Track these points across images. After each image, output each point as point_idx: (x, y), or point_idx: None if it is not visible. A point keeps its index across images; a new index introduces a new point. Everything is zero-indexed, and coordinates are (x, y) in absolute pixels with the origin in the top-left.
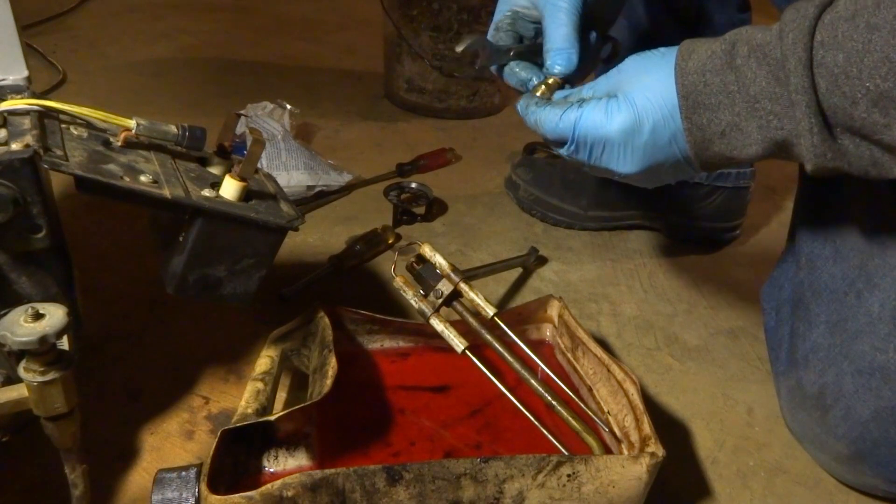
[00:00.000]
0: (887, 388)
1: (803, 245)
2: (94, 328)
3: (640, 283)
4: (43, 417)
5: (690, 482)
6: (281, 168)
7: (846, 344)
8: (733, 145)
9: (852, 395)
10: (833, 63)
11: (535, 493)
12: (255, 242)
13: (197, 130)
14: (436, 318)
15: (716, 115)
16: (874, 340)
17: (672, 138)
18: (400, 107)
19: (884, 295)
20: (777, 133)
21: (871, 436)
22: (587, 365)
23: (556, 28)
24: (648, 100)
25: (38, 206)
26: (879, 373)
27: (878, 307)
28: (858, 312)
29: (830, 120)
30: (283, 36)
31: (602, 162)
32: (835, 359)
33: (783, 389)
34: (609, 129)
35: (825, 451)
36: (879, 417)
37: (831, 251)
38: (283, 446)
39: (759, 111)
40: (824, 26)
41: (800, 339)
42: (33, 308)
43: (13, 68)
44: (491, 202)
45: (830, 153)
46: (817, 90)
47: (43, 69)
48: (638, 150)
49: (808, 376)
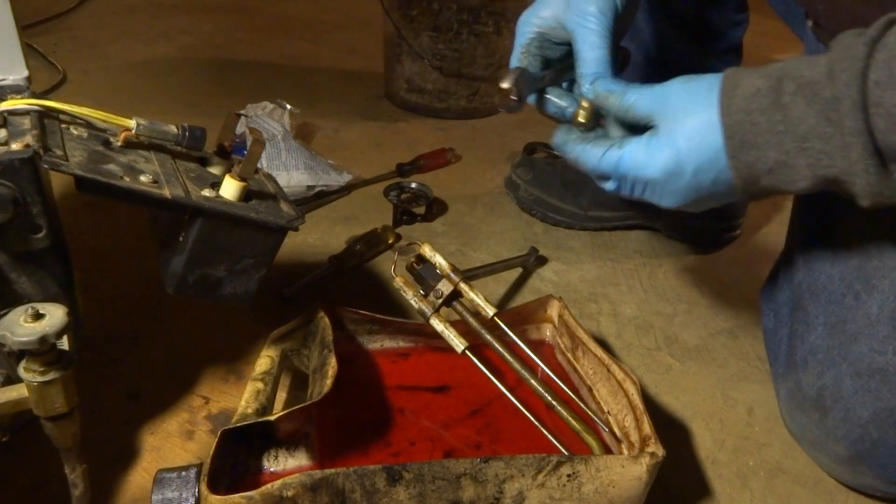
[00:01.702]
0: (886, 389)
1: (801, 247)
2: (94, 328)
3: (640, 283)
4: (43, 417)
5: (690, 482)
6: (281, 168)
7: (845, 346)
8: (782, 180)
9: (851, 396)
10: (891, 102)
11: (535, 493)
12: (255, 242)
13: (197, 130)
14: (436, 318)
15: (763, 154)
16: (873, 342)
17: (716, 178)
18: (400, 107)
19: (882, 297)
20: (829, 171)
21: (870, 437)
22: (587, 365)
23: (589, 51)
24: (692, 140)
25: (38, 206)
26: (878, 374)
27: (877, 309)
28: (857, 314)
29: (887, 157)
30: (283, 36)
31: (645, 196)
32: (833, 360)
33: (782, 391)
34: (651, 171)
35: (824, 453)
36: (878, 419)
37: (829, 253)
38: (283, 446)
39: (808, 150)
40: (879, 65)
41: (798, 341)
42: (33, 308)
43: (13, 68)
44: (491, 202)
45: (888, 190)
46: (873, 131)
47: (43, 69)
48: (681, 190)
49: (806, 378)
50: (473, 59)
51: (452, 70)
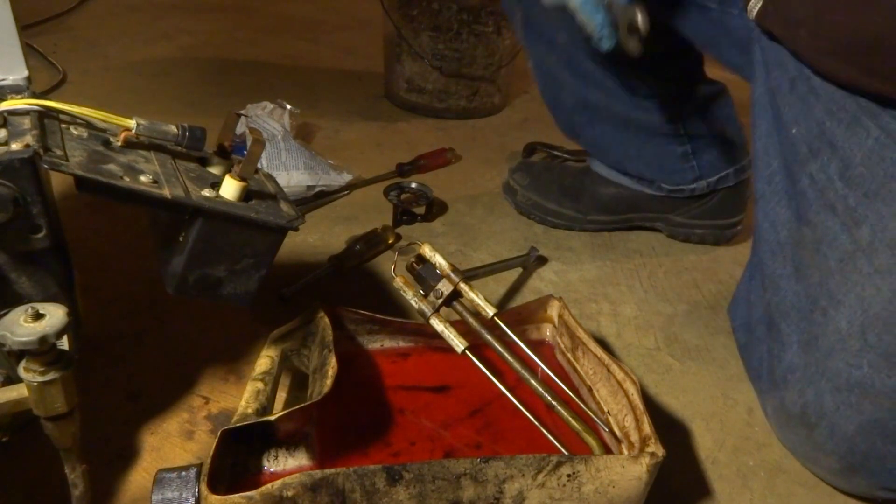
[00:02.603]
0: (867, 402)
1: (766, 265)
2: (94, 328)
3: (640, 283)
4: (43, 417)
5: (690, 482)
6: (281, 168)
7: (820, 362)
8: None
9: (834, 412)
10: None
11: (535, 493)
12: (254, 242)
13: (197, 130)
14: (436, 318)
15: None
16: (847, 357)
17: None
18: (400, 107)
19: (850, 311)
20: None
21: (859, 449)
22: (587, 365)
23: None
24: None
25: (38, 206)
26: (857, 388)
27: (846, 324)
28: (827, 330)
29: None
30: (283, 36)
31: None
32: (812, 378)
33: (769, 408)
34: None
35: (818, 465)
36: (864, 431)
37: (791, 270)
38: (283, 446)
39: None
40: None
41: (776, 360)
42: (33, 308)
43: (13, 68)
44: (491, 202)
45: None
46: None
47: (43, 69)
48: None
49: (789, 396)
50: (473, 59)
51: (452, 70)
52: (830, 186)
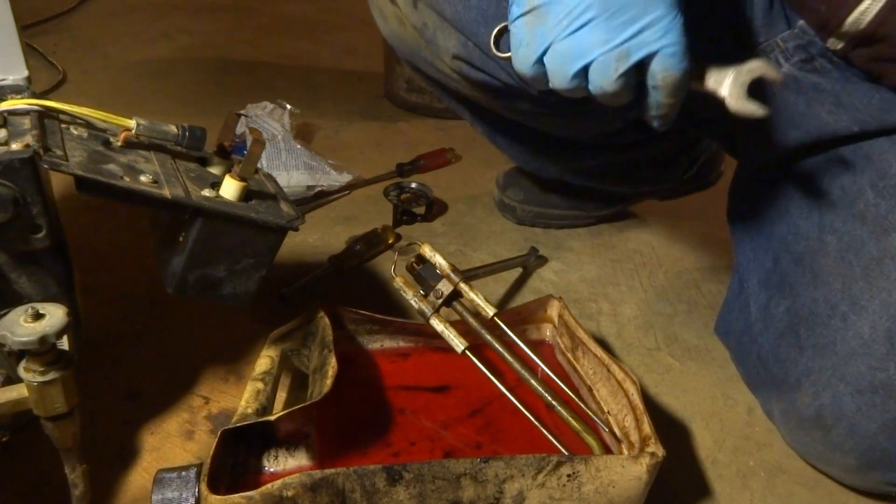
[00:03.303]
0: (893, 402)
1: (785, 273)
2: (94, 328)
3: (640, 283)
4: (43, 417)
5: (690, 482)
6: (281, 168)
7: (839, 366)
8: None
9: (854, 413)
10: None
11: (535, 493)
12: (255, 242)
13: (197, 130)
14: (436, 319)
15: None
16: (871, 361)
17: None
18: (400, 107)
19: (874, 317)
20: None
21: (880, 446)
22: (587, 365)
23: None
24: None
25: (38, 206)
26: (882, 390)
27: (870, 329)
28: (847, 335)
29: None
30: (283, 36)
31: None
32: (828, 381)
33: (776, 412)
34: None
35: (832, 465)
36: (888, 429)
37: (810, 277)
38: (283, 446)
39: None
40: None
41: (791, 364)
42: (33, 308)
43: (13, 68)
44: (491, 202)
45: None
46: None
47: (43, 69)
48: None
49: (802, 399)
50: None
51: None
52: (861, 197)
